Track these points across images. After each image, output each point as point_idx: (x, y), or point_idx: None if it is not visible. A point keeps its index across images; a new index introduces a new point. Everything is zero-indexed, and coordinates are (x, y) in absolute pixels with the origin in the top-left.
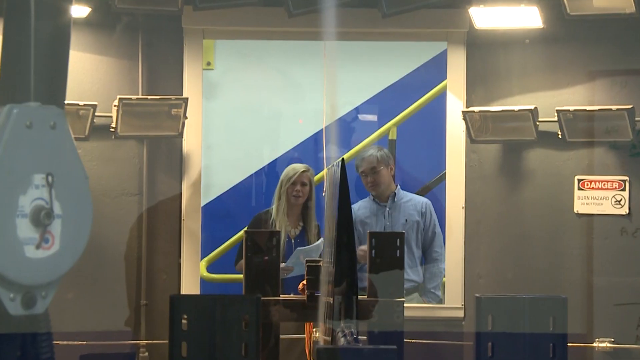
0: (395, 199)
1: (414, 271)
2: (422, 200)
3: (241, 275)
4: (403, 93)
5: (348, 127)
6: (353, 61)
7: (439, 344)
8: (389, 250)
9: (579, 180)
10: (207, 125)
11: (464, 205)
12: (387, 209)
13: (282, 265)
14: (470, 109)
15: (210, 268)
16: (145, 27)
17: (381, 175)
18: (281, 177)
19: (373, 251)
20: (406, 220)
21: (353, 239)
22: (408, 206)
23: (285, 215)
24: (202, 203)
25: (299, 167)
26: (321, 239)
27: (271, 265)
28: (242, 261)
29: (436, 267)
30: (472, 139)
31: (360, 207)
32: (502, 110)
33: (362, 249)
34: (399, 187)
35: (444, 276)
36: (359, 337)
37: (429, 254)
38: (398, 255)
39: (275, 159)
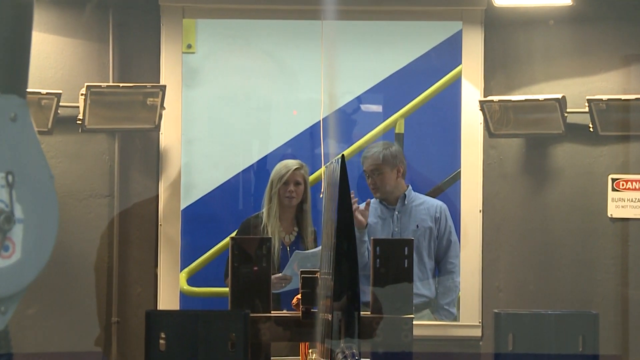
0: (406, 202)
1: (425, 285)
2: (437, 203)
3: (226, 289)
4: (411, 80)
5: (349, 120)
6: (355, 44)
7: None
8: (395, 259)
9: (614, 180)
10: (187, 116)
11: (481, 209)
12: (396, 212)
13: (279, 275)
14: (489, 98)
15: (192, 280)
16: (117, 5)
17: (384, 177)
18: (271, 176)
19: (377, 261)
20: (417, 226)
21: (354, 247)
22: (420, 210)
23: (278, 219)
24: (182, 206)
25: (292, 163)
26: (319, 247)
27: (261, 276)
28: None
29: (451, 281)
30: (490, 132)
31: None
32: (525, 100)
33: (361, 210)
34: (410, 188)
35: (460, 290)
36: (362, 358)
37: (443, 266)
38: (406, 265)
39: (266, 156)
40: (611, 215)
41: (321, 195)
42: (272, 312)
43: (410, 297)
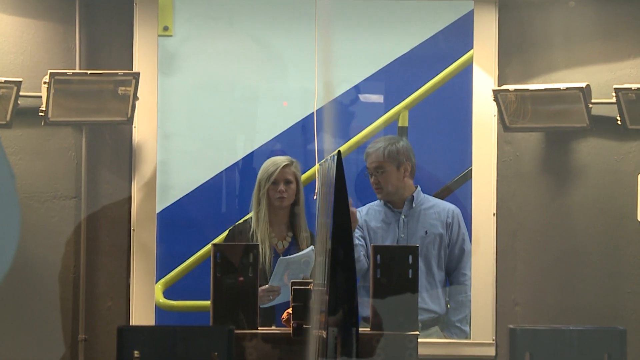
0: (414, 205)
1: (434, 299)
2: (449, 207)
3: (208, 302)
4: (416, 67)
5: (346, 112)
6: (353, 26)
7: None
8: (398, 269)
9: None
10: (164, 108)
11: (495, 212)
12: (402, 217)
13: (265, 287)
14: (504, 87)
15: (169, 292)
16: None
17: (387, 175)
18: (259, 175)
19: (378, 270)
20: (426, 232)
21: (352, 255)
22: (430, 214)
23: (268, 223)
24: (158, 209)
25: (281, 160)
26: (311, 247)
27: (247, 287)
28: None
29: (464, 295)
30: (505, 126)
31: (369, 211)
32: (545, 89)
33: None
34: (419, 189)
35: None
36: None
37: (455, 278)
38: (410, 275)
39: (252, 152)
40: None
41: (315, 197)
42: (259, 328)
43: (414, 311)
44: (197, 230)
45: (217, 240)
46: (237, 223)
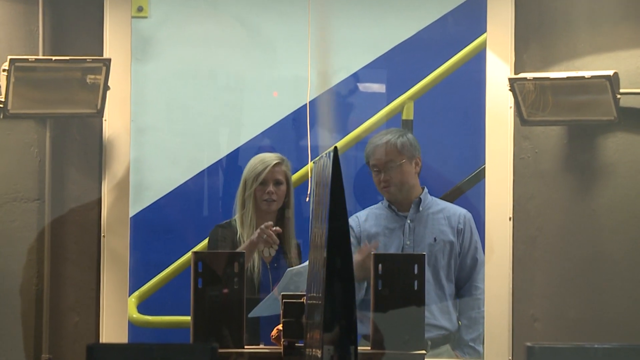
0: (421, 208)
1: (444, 314)
2: (460, 212)
3: (188, 317)
4: (422, 53)
5: (343, 103)
6: (350, 7)
7: None
8: (402, 279)
9: None
10: (138, 99)
11: (511, 216)
12: (408, 221)
13: (274, 291)
14: (521, 75)
15: (144, 306)
16: None
17: (403, 171)
18: (245, 174)
19: (380, 281)
20: (435, 239)
21: (350, 264)
22: (438, 219)
23: (254, 228)
24: (132, 212)
25: (270, 158)
26: (306, 263)
27: (233, 301)
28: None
29: (477, 311)
30: (523, 119)
31: (369, 216)
32: (567, 78)
33: (364, 250)
34: (426, 190)
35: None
36: None
37: (467, 291)
38: (416, 287)
39: (238, 149)
40: None
41: (307, 199)
42: (245, 346)
43: (421, 327)
44: (175, 237)
45: (198, 247)
46: (220, 224)
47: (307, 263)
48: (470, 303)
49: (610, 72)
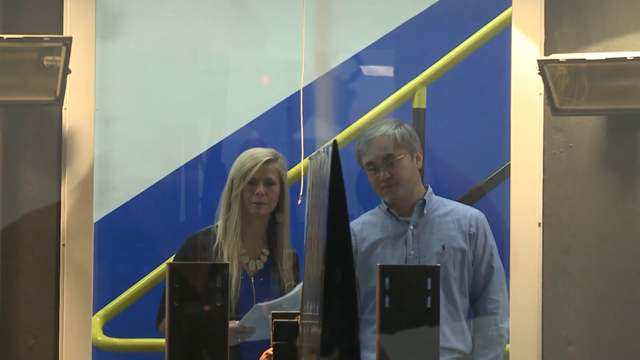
0: (425, 211)
1: (457, 334)
2: (471, 213)
3: (162, 340)
4: (436, 31)
5: (344, 90)
6: None
7: None
8: (413, 296)
9: None
10: (104, 84)
11: (540, 221)
12: (411, 227)
13: (235, 324)
14: (552, 56)
15: (110, 327)
16: None
17: (402, 167)
18: (232, 172)
19: (387, 298)
20: (444, 247)
21: (352, 277)
22: (447, 223)
23: (239, 236)
24: (96, 217)
25: (262, 154)
26: (300, 285)
27: (214, 320)
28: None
29: (494, 329)
30: (555, 107)
31: (364, 225)
32: (606, 60)
33: None
34: (430, 190)
35: (508, 342)
36: None
37: (482, 305)
38: (429, 304)
39: (220, 142)
40: None
41: (299, 201)
42: None
43: (435, 351)
44: (147, 246)
45: (172, 257)
46: (198, 232)
47: (287, 296)
48: (486, 320)
49: None
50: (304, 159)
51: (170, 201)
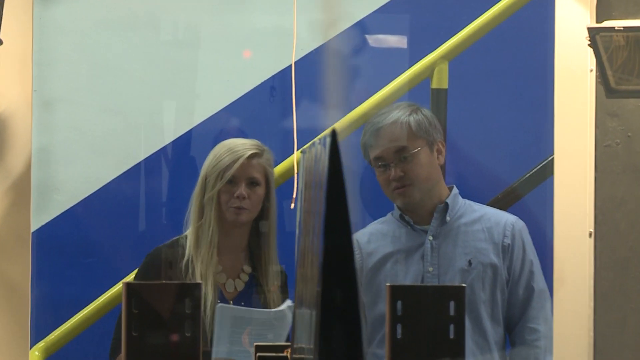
0: (448, 218)
1: None
2: (506, 219)
3: None
4: None
5: (345, 66)
6: None
7: None
8: (430, 324)
9: None
10: (44, 59)
11: (592, 231)
12: (430, 238)
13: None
14: (606, 24)
15: None
16: None
17: (418, 163)
18: (204, 168)
19: (399, 327)
20: (470, 262)
21: (356, 299)
22: (474, 233)
23: (214, 249)
24: (34, 225)
25: (243, 146)
26: (287, 303)
27: (183, 354)
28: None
29: None
30: (610, 88)
31: (372, 236)
32: None
33: None
34: (455, 191)
35: None
36: None
37: (519, 336)
38: (453, 335)
39: (190, 131)
40: None
41: (292, 206)
42: None
43: None
44: (98, 261)
45: (130, 276)
46: (162, 245)
47: (272, 311)
48: (523, 353)
49: None
50: (296, 151)
51: (127, 205)
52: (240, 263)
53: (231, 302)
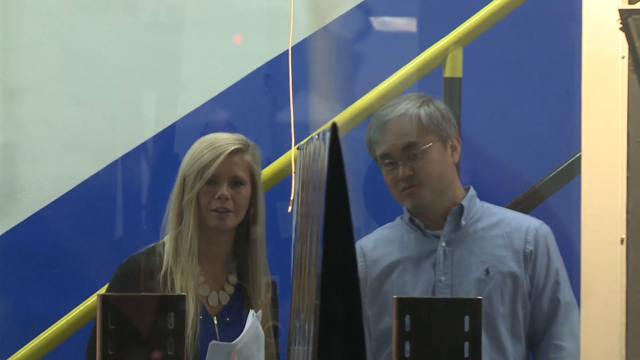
0: (463, 222)
1: None
2: (528, 224)
3: None
4: None
5: (347, 52)
6: None
7: None
8: (442, 341)
9: None
10: (8, 43)
11: (624, 237)
12: (443, 244)
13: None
14: None
15: None
16: None
17: (430, 161)
18: (182, 167)
19: (407, 345)
20: (487, 271)
21: (359, 314)
22: (492, 238)
23: (195, 258)
24: None
25: (226, 141)
26: (251, 313)
27: None
28: None
29: None
30: None
31: (378, 242)
32: None
33: None
34: (471, 192)
35: None
36: None
37: (544, 354)
38: (467, 354)
39: (172, 125)
40: None
41: (290, 209)
42: None
43: None
44: (69, 271)
45: (103, 288)
46: (138, 253)
47: (246, 328)
48: None
49: None
50: (293, 147)
51: (102, 208)
52: (224, 273)
53: (215, 317)
